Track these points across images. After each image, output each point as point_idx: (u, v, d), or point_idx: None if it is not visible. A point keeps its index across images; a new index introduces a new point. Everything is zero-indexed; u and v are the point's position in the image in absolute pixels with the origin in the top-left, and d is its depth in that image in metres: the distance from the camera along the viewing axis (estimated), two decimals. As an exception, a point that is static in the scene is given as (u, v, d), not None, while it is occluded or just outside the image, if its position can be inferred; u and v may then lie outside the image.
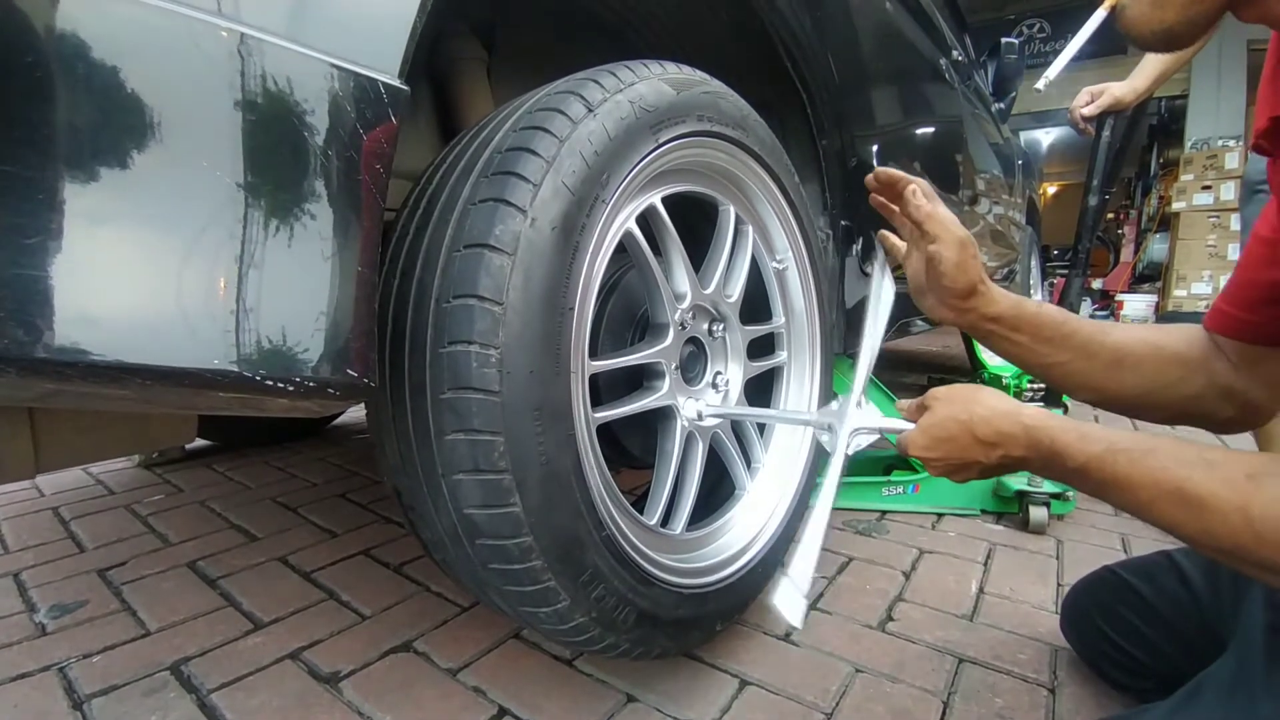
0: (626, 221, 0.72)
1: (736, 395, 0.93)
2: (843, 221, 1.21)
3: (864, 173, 1.28)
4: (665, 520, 0.80)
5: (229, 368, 0.42)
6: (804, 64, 1.07)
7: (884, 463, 1.50)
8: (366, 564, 1.14)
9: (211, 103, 0.41)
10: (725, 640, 0.90)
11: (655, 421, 0.83)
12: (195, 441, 1.65)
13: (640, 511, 0.76)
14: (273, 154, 0.43)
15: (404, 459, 0.63)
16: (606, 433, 0.78)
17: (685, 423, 0.83)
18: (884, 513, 1.40)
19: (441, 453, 0.58)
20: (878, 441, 0.69)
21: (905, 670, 0.84)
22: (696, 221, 0.89)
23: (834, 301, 1.20)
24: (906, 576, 1.11)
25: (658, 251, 0.79)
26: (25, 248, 0.36)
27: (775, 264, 0.99)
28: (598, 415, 0.70)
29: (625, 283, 0.86)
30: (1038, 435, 0.55)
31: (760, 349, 0.99)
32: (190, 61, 0.40)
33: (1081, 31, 1.01)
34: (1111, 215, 8.26)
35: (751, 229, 0.93)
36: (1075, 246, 2.33)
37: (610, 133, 0.64)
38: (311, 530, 1.29)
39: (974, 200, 2.02)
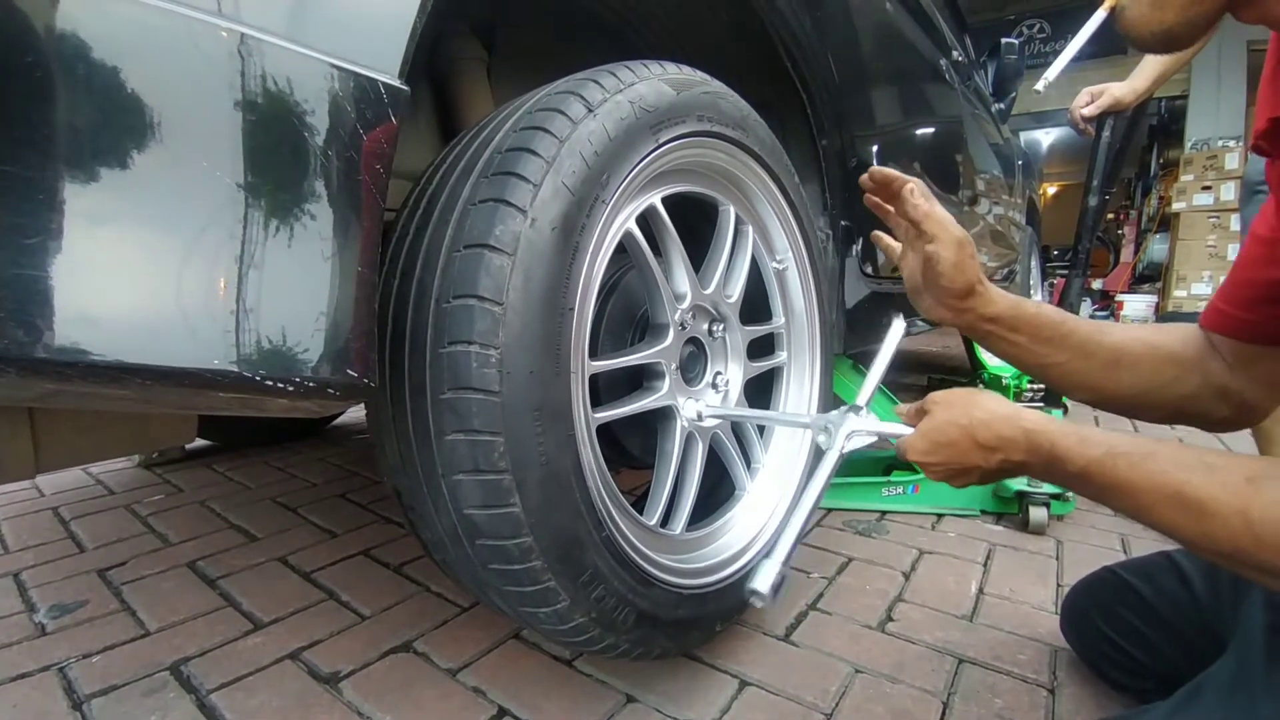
0: (626, 222, 0.72)
1: (736, 395, 0.93)
2: (843, 222, 1.22)
3: (864, 173, 1.28)
4: (665, 521, 0.80)
5: (229, 368, 0.42)
6: (804, 64, 1.07)
7: (884, 463, 1.50)
8: (366, 564, 1.14)
9: (211, 103, 0.41)
10: (725, 641, 0.90)
11: (655, 422, 0.83)
12: (195, 442, 1.65)
13: (640, 512, 0.76)
14: (273, 154, 0.43)
15: (404, 459, 0.63)
16: (606, 433, 0.78)
17: (685, 423, 0.83)
18: (884, 513, 1.40)
19: (441, 453, 0.58)
20: (879, 442, 0.69)
21: (905, 671, 0.84)
22: (696, 222, 0.89)
23: (834, 302, 1.20)
24: (906, 577, 1.11)
25: (658, 252, 0.79)
26: (25, 248, 0.36)
27: (775, 264, 0.99)
28: (598, 415, 0.70)
29: (625, 283, 0.86)
30: (1038, 439, 0.55)
31: (760, 349, 0.99)
32: (190, 62, 0.40)
33: (1081, 32, 1.01)
34: (1111, 216, 8.26)
35: (751, 229, 0.93)
36: (1075, 247, 2.33)
37: (610, 133, 0.64)
38: (311, 530, 1.29)
39: (974, 200, 2.02)
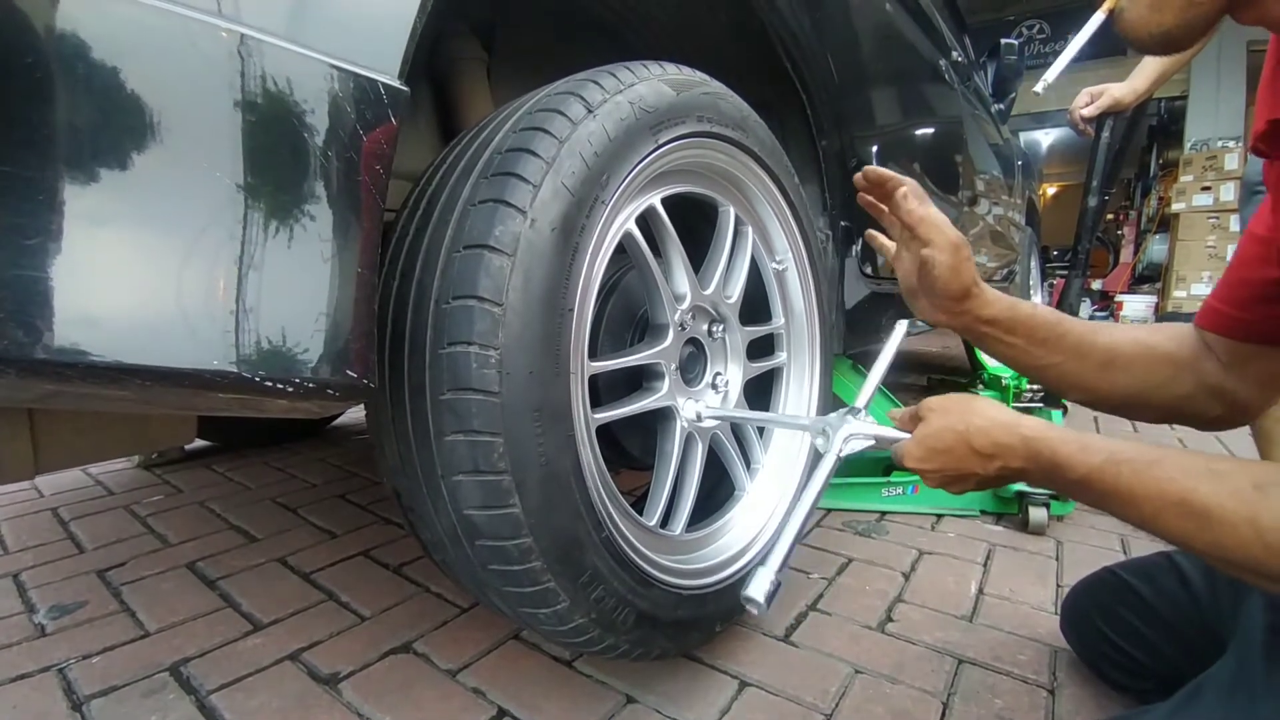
0: (626, 222, 0.72)
1: (736, 396, 0.93)
2: (842, 222, 1.22)
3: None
4: (665, 521, 0.80)
5: (228, 369, 0.42)
6: (803, 64, 1.07)
7: (883, 464, 1.50)
8: (366, 565, 1.14)
9: (211, 103, 0.41)
10: (725, 641, 0.90)
11: (655, 422, 0.83)
12: (195, 442, 1.65)
13: (640, 512, 0.76)
14: (272, 155, 0.43)
15: (403, 460, 0.63)
16: (606, 434, 0.78)
17: (685, 424, 0.83)
18: (883, 514, 1.40)
19: (441, 454, 0.58)
20: (877, 443, 0.69)
21: (905, 671, 0.84)
22: (696, 222, 0.89)
23: (834, 302, 1.20)
24: (906, 577, 1.11)
25: (657, 252, 0.79)
26: (25, 248, 0.36)
27: (775, 265, 0.99)
28: (597, 416, 0.70)
29: (625, 283, 0.86)
30: (1037, 446, 0.54)
31: (760, 350, 0.99)
32: (190, 62, 0.40)
33: (1080, 33, 1.01)
34: (1111, 216, 8.27)
35: (751, 230, 0.93)
36: (1075, 247, 2.33)
37: (610, 134, 0.64)
38: (311, 531, 1.29)
39: (973, 201, 2.02)
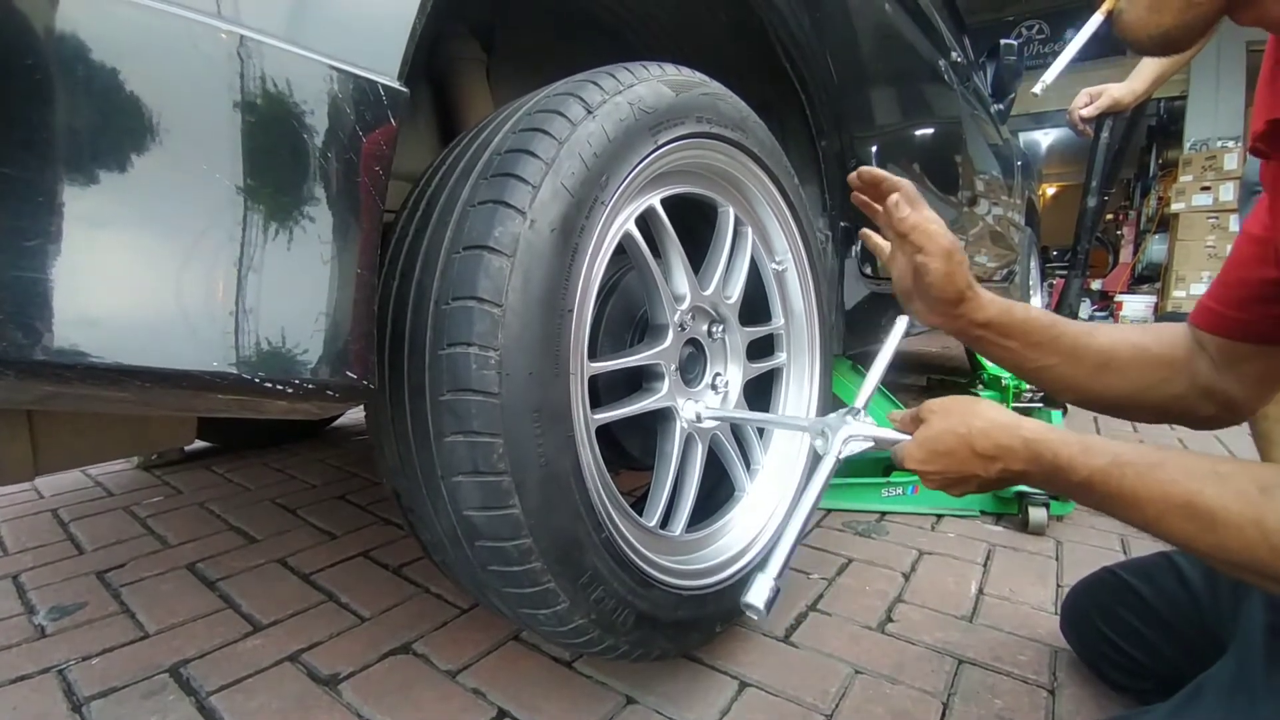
0: (625, 223, 0.72)
1: (736, 396, 0.93)
2: (842, 223, 1.22)
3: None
4: (664, 522, 0.80)
5: (228, 370, 0.42)
6: (803, 64, 1.07)
7: (883, 464, 1.50)
8: (366, 566, 1.14)
9: (211, 105, 0.41)
10: (725, 642, 0.90)
11: (654, 423, 0.83)
12: (194, 443, 1.65)
13: (639, 513, 0.76)
14: (272, 156, 0.43)
15: (403, 461, 0.63)
16: (606, 434, 0.78)
17: (684, 424, 0.83)
18: (883, 514, 1.40)
19: (441, 454, 0.58)
20: (877, 444, 0.69)
21: (905, 671, 0.84)
22: (696, 223, 0.89)
23: (833, 303, 1.20)
24: (906, 578, 1.11)
25: (657, 253, 0.79)
26: (25, 250, 0.36)
27: (774, 265, 0.99)
28: (597, 417, 0.70)
29: (624, 284, 0.86)
30: (1038, 449, 0.54)
31: (760, 350, 0.99)
32: (189, 64, 0.40)
33: (1079, 34, 1.01)
34: (1110, 216, 8.27)
35: (751, 230, 0.93)
36: (1074, 247, 2.33)
37: (609, 134, 0.65)
38: (311, 532, 1.29)
39: (973, 201, 2.02)
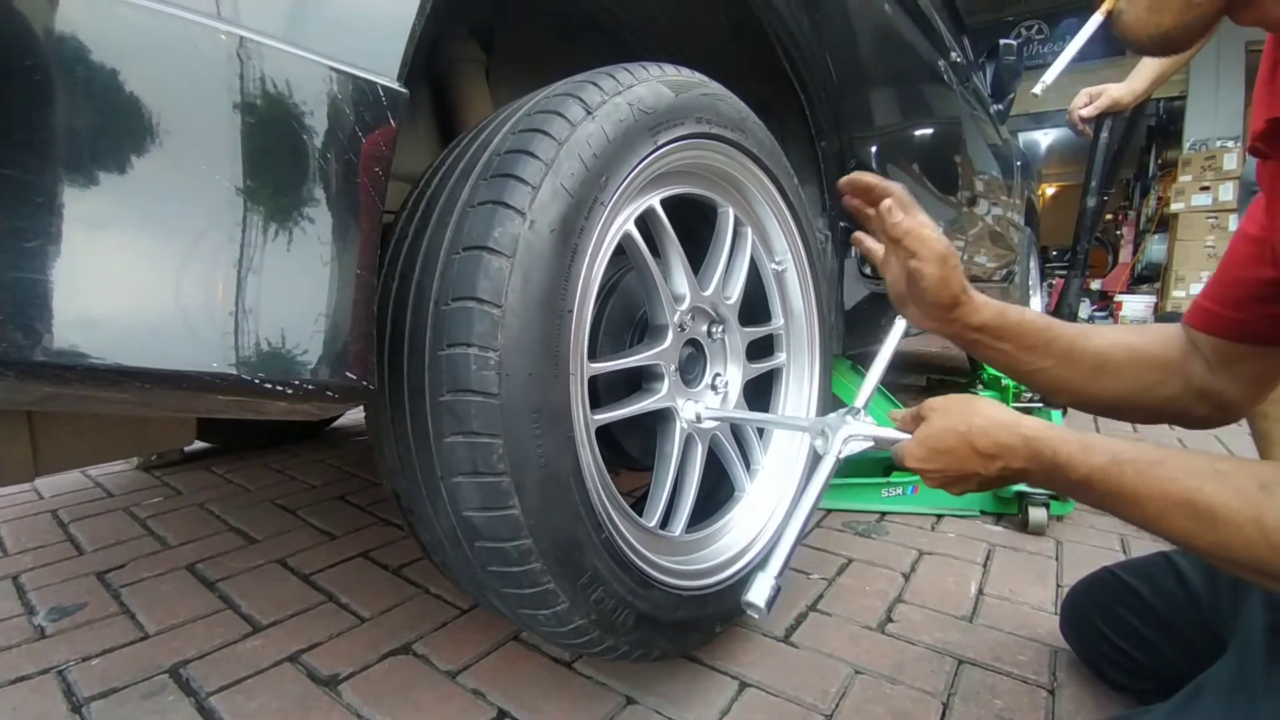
0: (625, 224, 0.72)
1: (735, 397, 0.93)
2: (841, 223, 1.22)
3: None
4: (664, 522, 0.80)
5: (228, 371, 0.42)
6: (802, 65, 1.07)
7: (883, 464, 1.50)
8: (365, 566, 1.14)
9: (210, 106, 0.41)
10: (724, 642, 0.90)
11: (654, 423, 0.83)
12: (194, 444, 1.65)
13: (639, 514, 0.76)
14: (271, 157, 0.43)
15: (403, 461, 0.63)
16: (605, 435, 0.78)
17: (684, 424, 0.83)
18: (883, 514, 1.40)
19: (440, 455, 0.58)
20: (877, 444, 0.69)
21: (905, 672, 0.84)
22: (695, 223, 0.89)
23: (833, 303, 1.20)
24: (906, 578, 1.11)
25: (656, 254, 0.79)
26: (25, 251, 0.36)
27: (774, 266, 0.99)
28: (597, 417, 0.70)
29: (624, 285, 0.86)
30: (1038, 447, 0.54)
31: (759, 351, 0.99)
32: (189, 65, 0.40)
33: (1079, 35, 1.01)
34: (1110, 216, 8.28)
35: (750, 231, 0.93)
36: (1074, 247, 2.33)
37: (609, 135, 0.65)
38: (310, 532, 1.29)
39: (972, 201, 2.02)
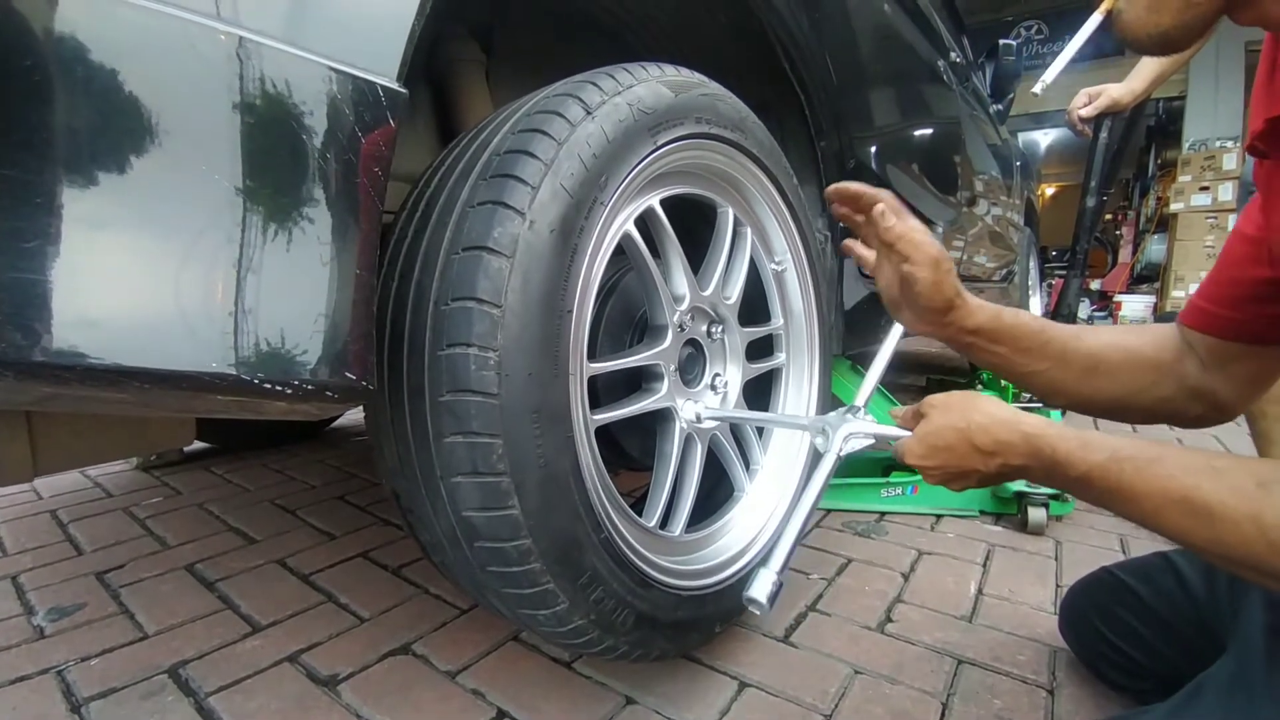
0: (625, 224, 0.72)
1: (735, 397, 0.93)
2: (841, 224, 1.22)
3: (863, 174, 1.27)
4: (664, 522, 0.80)
5: (227, 371, 0.42)
6: (802, 65, 1.07)
7: (883, 464, 1.50)
8: (365, 566, 1.14)
9: (210, 106, 0.41)
10: (724, 642, 0.90)
11: (654, 423, 0.83)
12: (193, 444, 1.64)
13: (639, 513, 0.76)
14: (271, 157, 0.43)
15: (402, 461, 0.63)
16: (605, 435, 0.78)
17: (684, 424, 0.83)
18: (883, 514, 1.40)
19: (440, 455, 0.58)
20: (876, 443, 0.69)
21: (904, 671, 0.84)
22: (695, 224, 0.89)
23: (833, 303, 1.20)
24: (905, 578, 1.11)
25: (656, 254, 0.79)
26: (24, 251, 0.36)
27: (774, 266, 0.99)
28: (596, 417, 0.70)
29: (624, 285, 0.86)
30: (1038, 443, 0.55)
31: (759, 351, 0.99)
32: (188, 65, 0.40)
33: (1078, 34, 1.01)
34: (1109, 216, 8.28)
35: (750, 231, 0.93)
36: (1073, 247, 2.33)
37: (608, 135, 0.65)
38: (310, 533, 1.29)
39: (972, 201, 2.02)
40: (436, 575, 1.08)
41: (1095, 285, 7.47)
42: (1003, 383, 2.03)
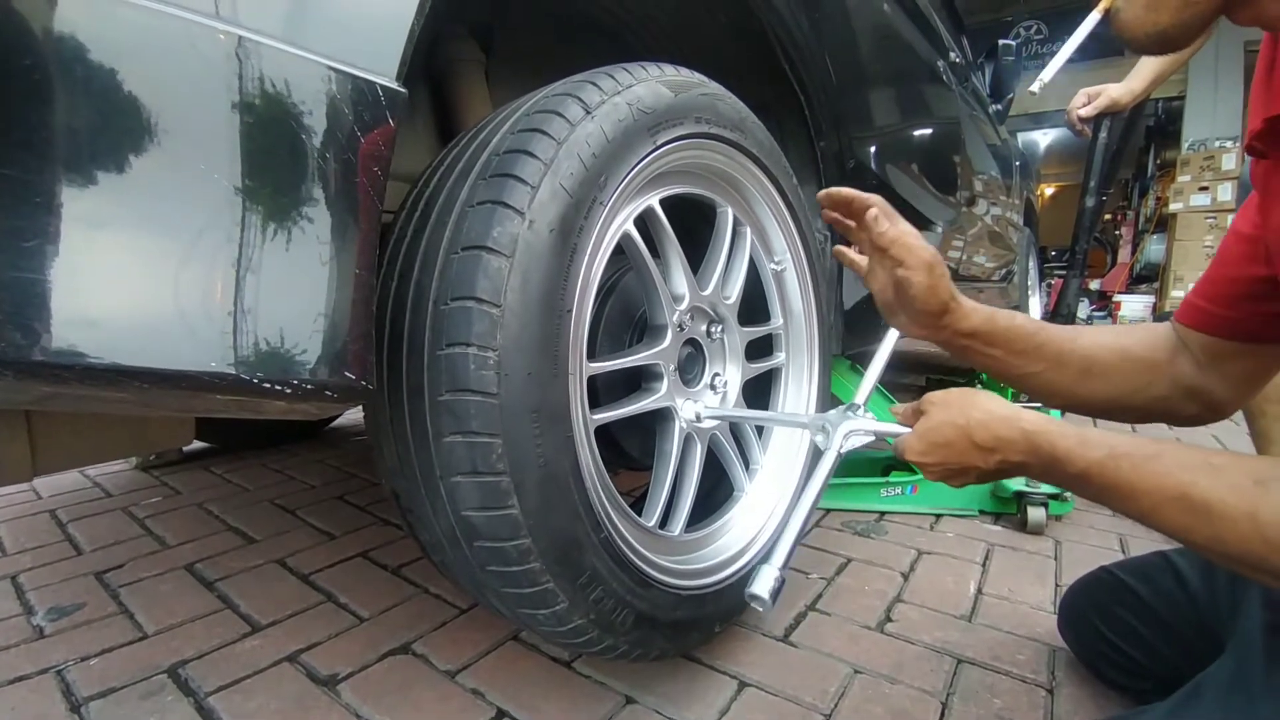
0: (624, 223, 0.72)
1: (735, 397, 0.93)
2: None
3: (862, 174, 1.27)
4: (663, 522, 0.80)
5: (227, 370, 0.42)
6: (802, 65, 1.07)
7: (882, 464, 1.51)
8: (365, 566, 1.14)
9: (209, 106, 0.41)
10: (724, 641, 0.90)
11: (653, 423, 0.83)
12: (193, 444, 1.64)
13: (638, 513, 0.76)
14: (270, 157, 0.43)
15: (402, 461, 0.63)
16: (605, 434, 0.78)
17: (683, 424, 0.83)
18: (882, 514, 1.41)
19: (440, 455, 0.58)
20: (876, 443, 0.69)
21: (904, 671, 0.84)
22: (694, 223, 0.89)
23: (832, 303, 1.20)
24: (905, 577, 1.11)
25: (656, 253, 0.79)
26: (23, 250, 0.36)
27: (773, 265, 0.99)
28: (596, 417, 0.70)
29: (623, 284, 0.86)
30: (1036, 440, 0.55)
31: (758, 350, 0.99)
32: (188, 64, 0.40)
33: (1076, 34, 1.01)
34: (1109, 216, 8.29)
35: (749, 231, 0.93)
36: (1073, 247, 2.33)
37: (608, 135, 0.65)
38: (310, 532, 1.29)
39: (971, 201, 2.03)
40: (436, 575, 1.08)
41: (1095, 285, 7.48)
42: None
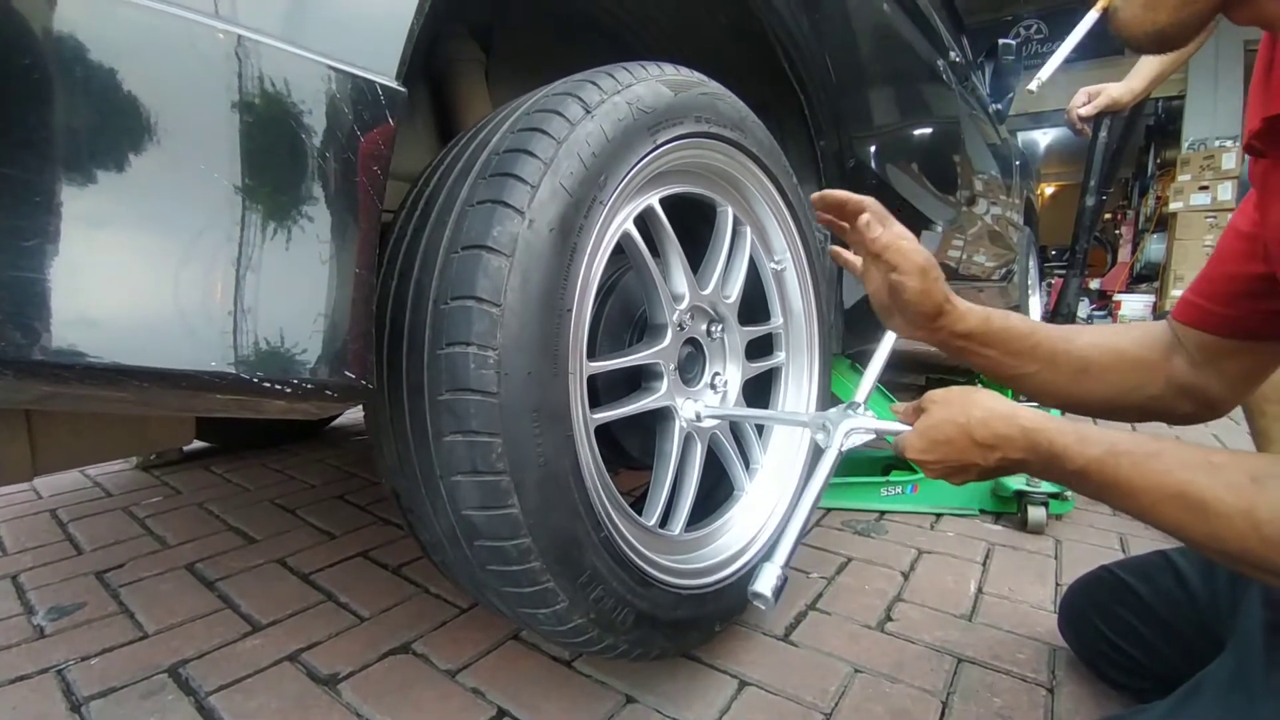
0: (624, 223, 0.72)
1: (735, 396, 0.93)
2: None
3: (862, 173, 1.27)
4: (664, 521, 0.80)
5: (226, 370, 0.42)
6: (802, 65, 1.07)
7: (882, 463, 1.51)
8: (365, 566, 1.14)
9: (209, 105, 0.41)
10: (724, 641, 0.90)
11: (654, 422, 0.83)
12: (193, 443, 1.64)
13: (639, 512, 0.76)
14: (270, 156, 0.43)
15: (402, 460, 0.63)
16: (605, 434, 0.78)
17: (683, 423, 0.83)
18: (882, 513, 1.41)
19: (440, 454, 0.58)
20: (876, 442, 0.69)
21: (904, 670, 0.84)
22: (694, 223, 0.89)
23: (832, 302, 1.20)
24: (905, 577, 1.11)
25: (656, 253, 0.79)
26: (23, 250, 0.36)
27: (773, 265, 0.99)
28: (596, 416, 0.70)
29: (623, 284, 0.86)
30: (1036, 438, 0.55)
31: (758, 350, 0.99)
32: (187, 64, 0.40)
33: (1074, 33, 1.01)
34: (1109, 216, 8.29)
35: (749, 230, 0.93)
36: (1073, 247, 2.33)
37: (608, 134, 0.65)
38: (310, 532, 1.29)
39: (971, 201, 2.03)
40: (436, 574, 1.08)
41: (1095, 284, 7.48)
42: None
